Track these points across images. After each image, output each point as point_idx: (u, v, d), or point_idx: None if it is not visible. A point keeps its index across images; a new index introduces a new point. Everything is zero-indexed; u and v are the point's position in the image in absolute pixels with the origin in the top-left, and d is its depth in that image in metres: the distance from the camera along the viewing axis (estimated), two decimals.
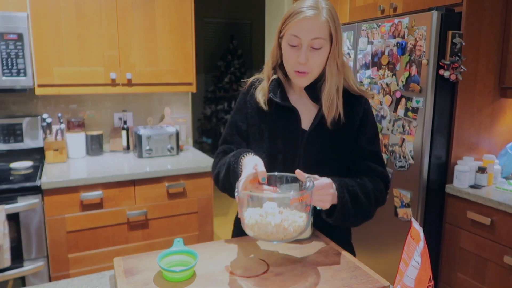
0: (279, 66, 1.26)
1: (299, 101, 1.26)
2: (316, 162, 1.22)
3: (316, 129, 1.22)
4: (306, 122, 1.24)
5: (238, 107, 1.32)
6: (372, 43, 2.27)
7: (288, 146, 1.23)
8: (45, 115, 2.52)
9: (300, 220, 0.98)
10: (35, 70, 2.29)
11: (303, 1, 1.13)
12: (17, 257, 2.07)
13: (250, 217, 0.97)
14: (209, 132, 5.91)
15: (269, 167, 1.19)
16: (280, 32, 1.18)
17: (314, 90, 1.23)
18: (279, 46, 1.21)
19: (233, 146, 1.29)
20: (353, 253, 1.40)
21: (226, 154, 1.28)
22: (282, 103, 1.22)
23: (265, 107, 1.24)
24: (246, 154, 1.14)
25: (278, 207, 0.98)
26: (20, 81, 2.21)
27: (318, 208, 1.12)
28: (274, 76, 1.26)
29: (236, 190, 0.97)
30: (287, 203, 0.99)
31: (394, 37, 2.11)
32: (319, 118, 1.21)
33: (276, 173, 1.10)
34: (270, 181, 1.08)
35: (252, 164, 1.06)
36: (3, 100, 2.55)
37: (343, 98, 1.21)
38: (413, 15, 2.01)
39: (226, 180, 1.20)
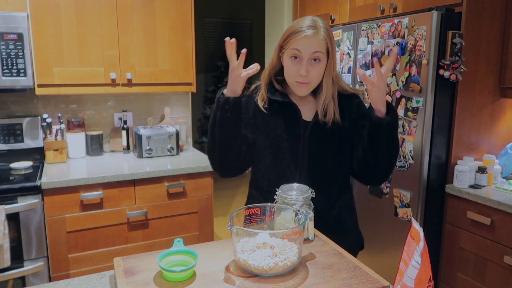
0: (276, 74, 1.38)
1: (298, 97, 1.37)
2: (319, 152, 1.33)
3: (319, 120, 1.32)
4: (308, 115, 1.35)
5: (243, 105, 1.38)
6: (372, 43, 2.27)
7: (292, 137, 1.33)
8: (45, 115, 2.52)
9: (291, 255, 1.01)
10: (35, 70, 2.29)
11: (302, 21, 1.26)
12: (17, 257, 2.07)
13: (243, 253, 1.01)
14: None
15: (276, 158, 1.32)
16: (281, 47, 1.30)
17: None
18: (279, 58, 1.33)
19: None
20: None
21: None
22: (281, 100, 1.33)
23: (265, 111, 1.35)
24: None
25: (270, 237, 1.04)
26: (20, 81, 2.21)
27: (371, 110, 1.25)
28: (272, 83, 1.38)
29: (229, 224, 1.01)
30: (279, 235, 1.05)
31: (394, 37, 2.11)
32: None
33: (269, 204, 1.14)
34: (265, 212, 1.13)
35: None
36: (3, 100, 2.55)
37: (338, 99, 1.35)
38: (413, 15, 2.01)
39: (216, 117, 1.25)
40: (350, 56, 2.45)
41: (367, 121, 1.26)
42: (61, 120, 2.56)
